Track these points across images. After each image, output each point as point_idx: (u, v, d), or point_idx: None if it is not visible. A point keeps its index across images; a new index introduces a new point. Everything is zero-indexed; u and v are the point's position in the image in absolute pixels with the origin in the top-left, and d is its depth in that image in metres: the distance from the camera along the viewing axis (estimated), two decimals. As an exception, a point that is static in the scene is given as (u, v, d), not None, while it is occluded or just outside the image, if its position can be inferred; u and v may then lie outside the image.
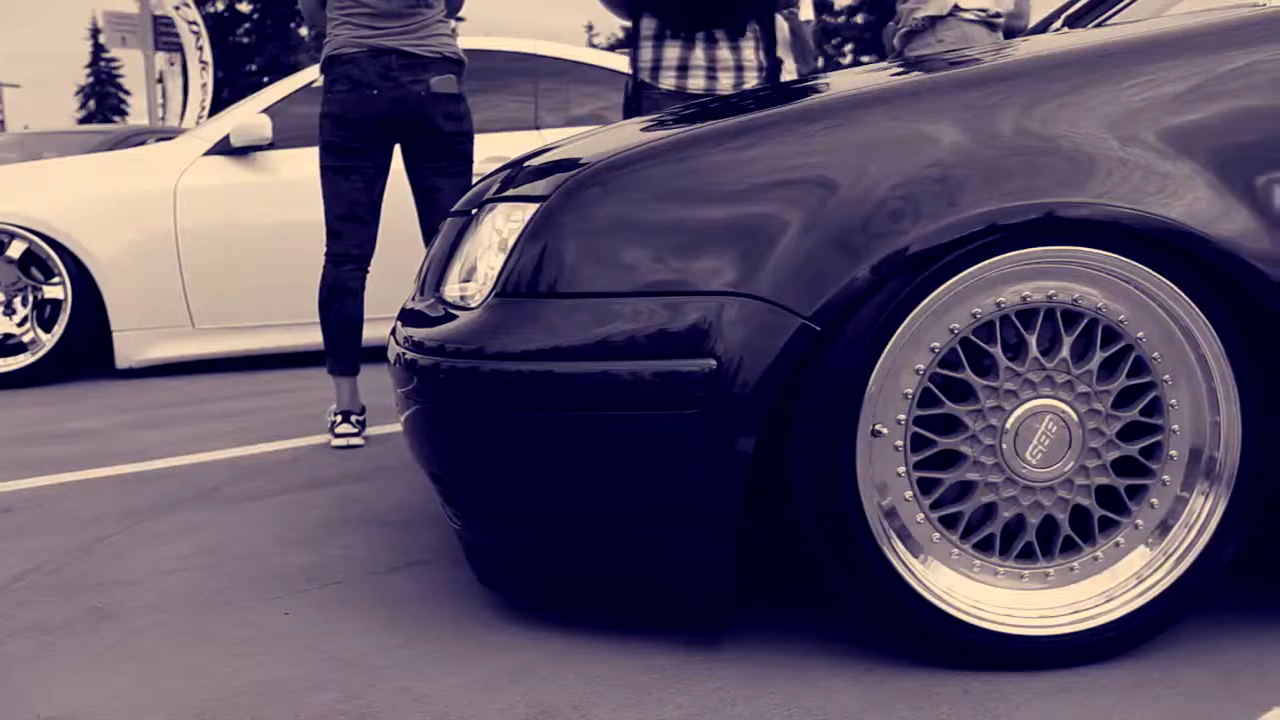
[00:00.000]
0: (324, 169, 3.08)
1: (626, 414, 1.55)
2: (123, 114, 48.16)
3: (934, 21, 3.25)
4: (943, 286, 1.50)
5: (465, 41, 5.43)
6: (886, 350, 1.50)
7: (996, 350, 1.55)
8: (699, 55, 2.91)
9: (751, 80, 2.94)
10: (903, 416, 1.55)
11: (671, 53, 2.95)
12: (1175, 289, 1.53)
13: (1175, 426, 1.59)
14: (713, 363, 1.51)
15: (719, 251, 1.53)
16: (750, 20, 2.92)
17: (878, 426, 1.54)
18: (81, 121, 46.79)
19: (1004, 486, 1.57)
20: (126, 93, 48.94)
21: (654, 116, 2.12)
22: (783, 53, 4.71)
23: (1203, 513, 1.59)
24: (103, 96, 49.14)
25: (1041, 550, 1.60)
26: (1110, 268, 1.53)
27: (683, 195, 1.57)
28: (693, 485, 1.54)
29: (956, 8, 3.21)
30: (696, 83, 2.88)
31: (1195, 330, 1.55)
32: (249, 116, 4.58)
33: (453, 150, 3.12)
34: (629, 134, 1.79)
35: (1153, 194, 1.51)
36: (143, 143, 6.56)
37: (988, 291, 1.53)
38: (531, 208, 1.65)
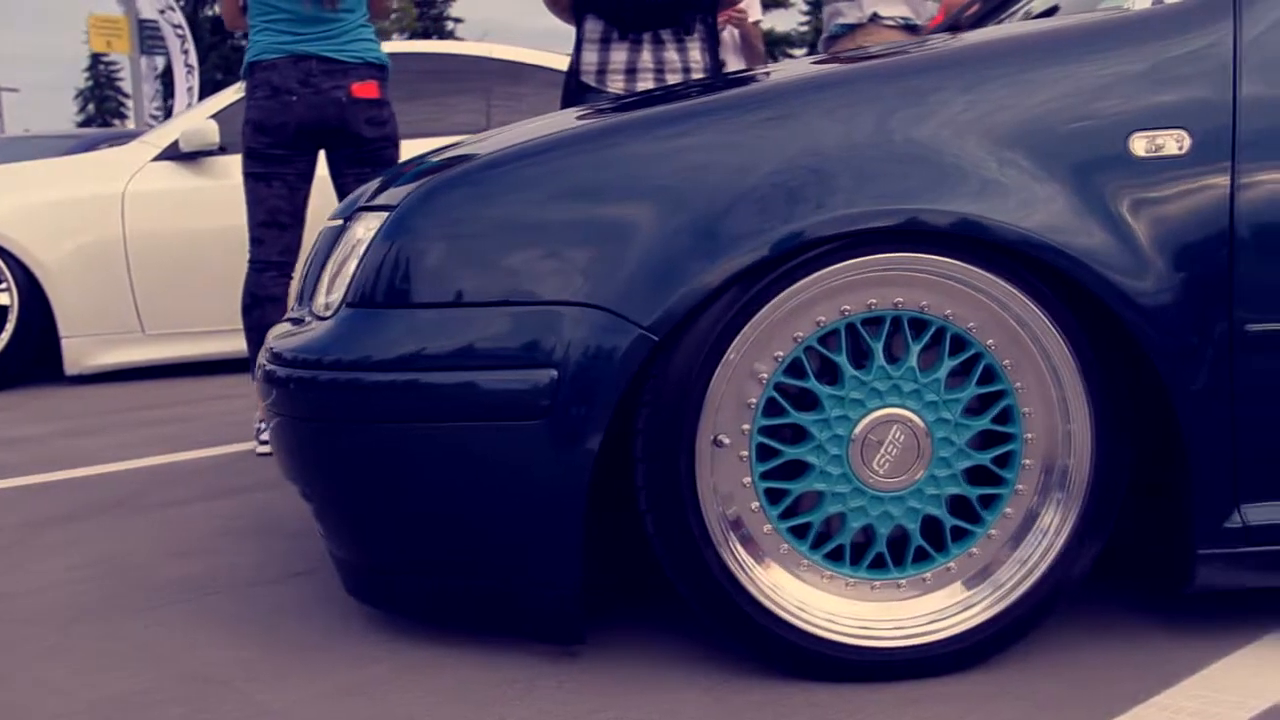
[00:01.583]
0: (246, 176, 3.07)
1: (471, 425, 1.54)
2: (122, 117, 48.21)
3: (853, 28, 3.23)
4: (781, 295, 1.49)
5: (417, 46, 5.44)
6: (724, 359, 1.49)
7: (842, 358, 1.53)
8: (646, 58, 2.89)
9: None
10: (747, 426, 1.53)
11: (618, 55, 2.93)
12: (1024, 299, 1.51)
13: (1029, 434, 1.57)
14: (554, 373, 1.50)
15: (560, 261, 1.52)
16: (696, 20, 2.90)
17: (720, 436, 1.52)
18: (81, 125, 46.84)
19: (852, 497, 1.56)
20: (126, 96, 48.99)
21: (533, 120, 2.10)
22: (731, 55, 4.71)
23: (1056, 521, 1.57)
24: (102, 100, 49.20)
25: (894, 561, 1.59)
26: (959, 276, 1.51)
27: (524, 205, 1.55)
28: (538, 496, 1.53)
29: (876, 15, 3.20)
30: (645, 85, 2.87)
31: (1045, 339, 1.53)
32: (197, 122, 4.57)
33: (376, 156, 3.11)
34: (509, 137, 1.78)
35: (1003, 204, 1.49)
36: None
37: (832, 299, 1.52)
38: (384, 217, 1.64)
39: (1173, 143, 1.53)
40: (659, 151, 1.55)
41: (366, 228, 1.69)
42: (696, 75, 2.89)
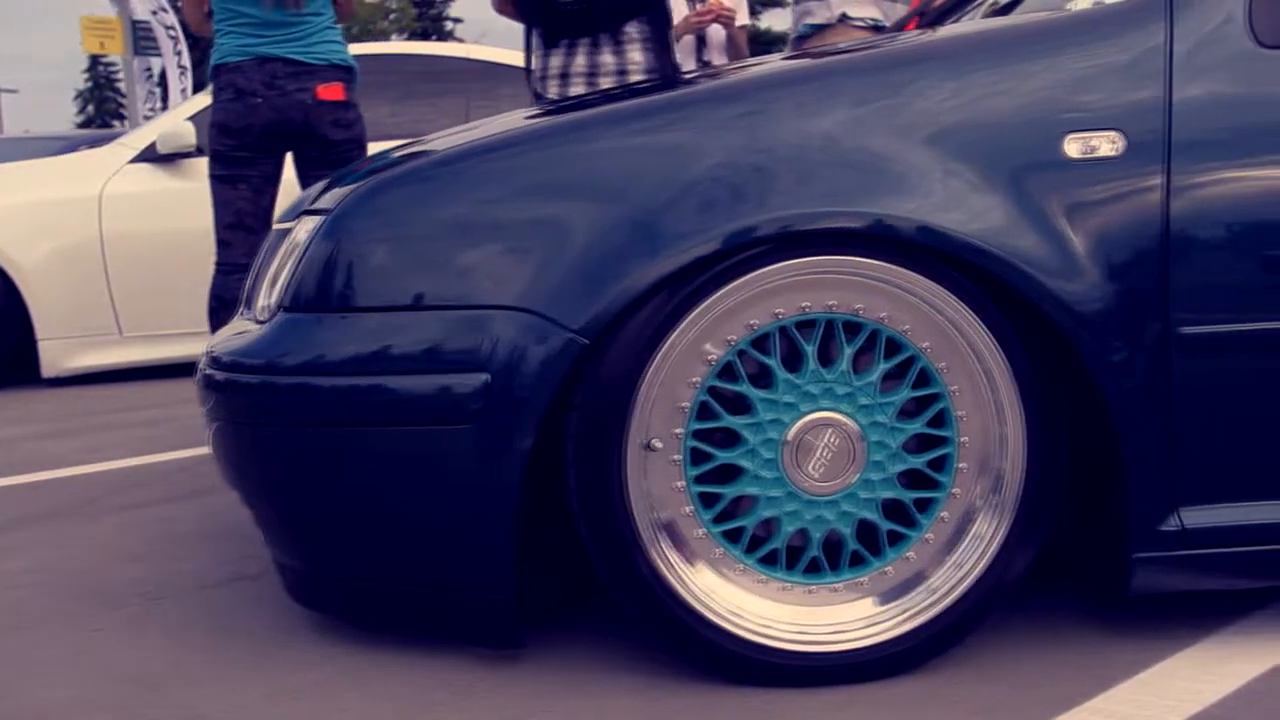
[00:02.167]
0: (211, 178, 3.07)
1: (404, 429, 1.53)
2: (121, 119, 48.17)
3: (822, 29, 3.23)
4: (712, 298, 1.48)
5: (397, 47, 5.44)
6: (655, 363, 1.49)
7: (774, 362, 1.53)
8: (580, 62, 2.89)
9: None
10: (679, 430, 1.53)
11: (555, 61, 2.93)
12: (957, 302, 1.51)
13: (964, 438, 1.56)
14: (486, 377, 1.49)
15: (493, 265, 1.52)
16: (634, 22, 2.89)
17: (652, 440, 1.52)
18: (80, 126, 46.86)
19: (786, 501, 1.55)
20: (125, 97, 49.00)
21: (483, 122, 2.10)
22: (717, 55, 4.70)
23: (992, 525, 1.57)
24: (102, 101, 49.21)
25: (829, 565, 1.58)
26: (892, 279, 1.51)
27: (456, 210, 1.55)
28: (471, 500, 1.52)
29: (845, 16, 3.19)
30: (578, 90, 2.86)
31: (978, 343, 1.52)
32: (175, 123, 4.57)
33: (343, 158, 3.10)
34: (450, 139, 1.77)
35: (935, 206, 1.49)
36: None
37: (764, 302, 1.51)
38: (321, 220, 1.63)
39: (1107, 144, 1.52)
40: (587, 154, 1.55)
41: (306, 231, 1.69)
42: (635, 77, 2.88)
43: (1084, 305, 1.49)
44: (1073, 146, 1.52)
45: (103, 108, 48.76)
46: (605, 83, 2.86)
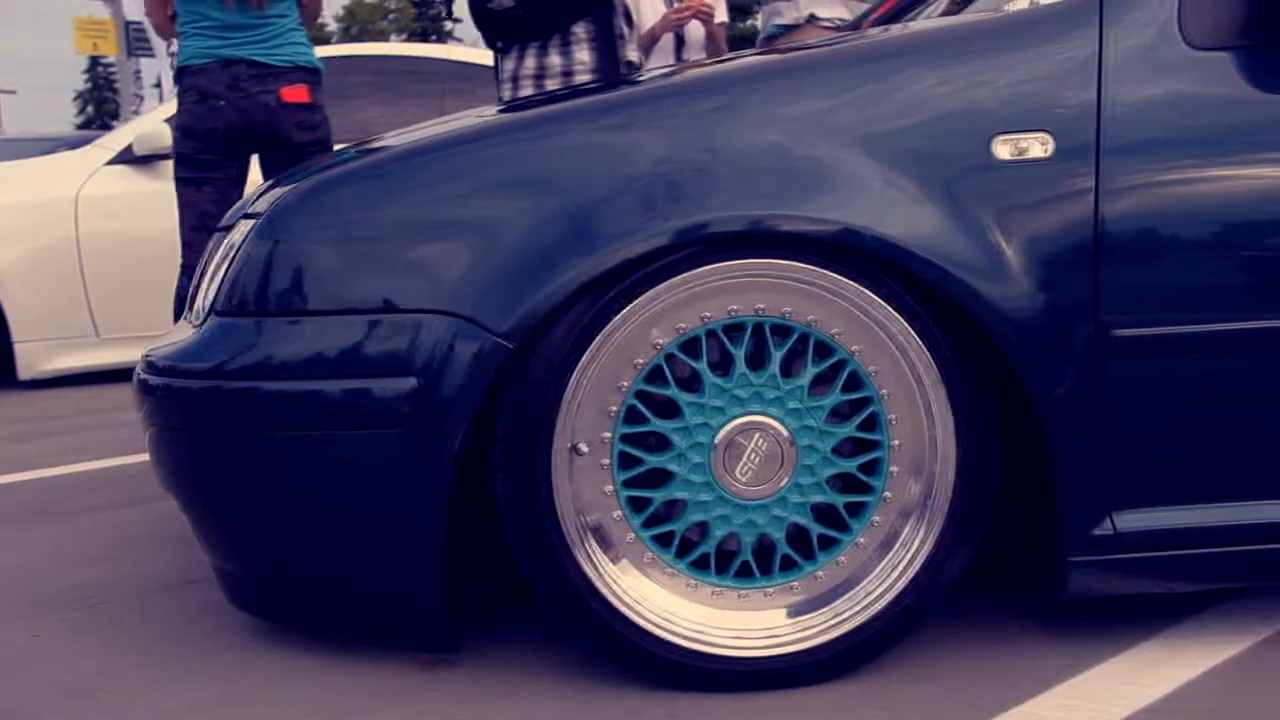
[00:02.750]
0: (176, 180, 3.07)
1: (333, 433, 1.53)
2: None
3: (790, 29, 3.22)
4: (636, 302, 1.47)
5: (375, 48, 5.44)
6: (581, 367, 1.48)
7: (702, 365, 1.52)
8: (529, 65, 2.89)
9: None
10: (608, 434, 1.52)
11: (508, 65, 2.93)
12: (886, 305, 1.50)
13: (896, 442, 1.56)
14: (414, 381, 1.49)
15: (423, 269, 1.51)
16: (581, 23, 2.88)
17: (579, 444, 1.51)
18: (80, 127, 46.88)
19: (715, 505, 1.54)
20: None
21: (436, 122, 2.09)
22: (696, 53, 4.69)
23: (924, 529, 1.56)
24: (101, 102, 49.25)
25: (761, 569, 1.57)
26: (821, 283, 1.50)
27: (386, 213, 1.54)
28: (399, 504, 1.52)
29: (813, 16, 3.19)
30: (527, 91, 2.86)
31: (908, 346, 1.52)
32: (151, 125, 4.56)
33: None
34: (395, 141, 1.76)
35: (863, 208, 1.48)
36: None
37: (692, 306, 1.50)
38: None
39: (1037, 146, 1.51)
40: (513, 157, 1.55)
41: (240, 234, 1.68)
42: (582, 78, 2.88)
43: (1014, 308, 1.49)
44: (1003, 148, 1.51)
45: (102, 109, 48.79)
46: (552, 84, 2.87)
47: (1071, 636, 1.67)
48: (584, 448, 1.51)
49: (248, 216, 1.72)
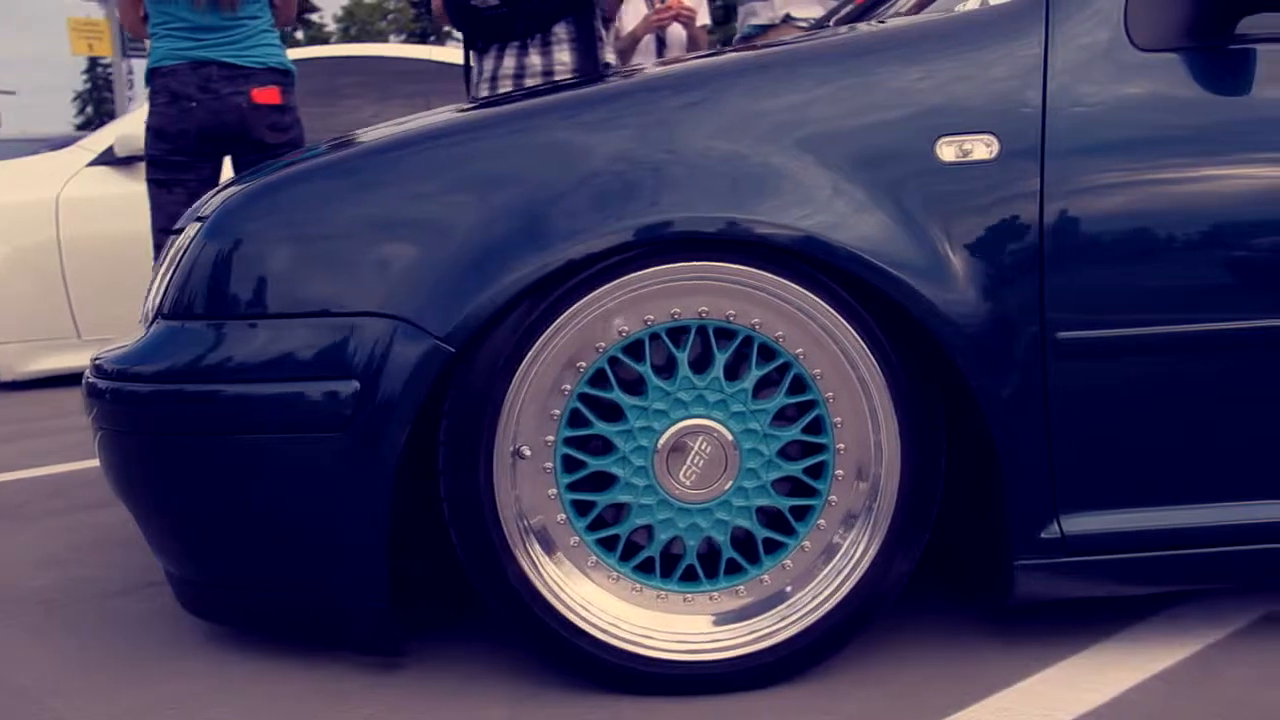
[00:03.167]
0: (148, 182, 3.07)
1: (276, 437, 1.52)
2: (120, 120, 48.12)
3: (766, 29, 3.21)
4: (577, 305, 1.47)
5: (359, 49, 5.43)
6: (521, 370, 1.48)
7: (645, 368, 1.51)
8: (509, 65, 2.88)
9: None
10: (551, 438, 1.52)
11: (487, 65, 2.93)
12: (829, 308, 1.49)
13: (841, 445, 1.55)
14: (356, 384, 1.48)
15: (364, 270, 1.51)
16: (561, 23, 2.88)
17: (522, 448, 1.51)
18: (79, 128, 46.84)
19: (659, 509, 1.54)
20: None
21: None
22: (678, 54, 4.68)
23: (870, 532, 1.55)
24: (100, 102, 49.24)
25: (706, 573, 1.57)
26: (764, 285, 1.49)
27: (331, 214, 1.54)
28: (343, 508, 1.51)
29: (789, 16, 3.18)
30: (506, 90, 2.85)
31: (852, 349, 1.51)
32: (132, 127, 4.54)
33: (280, 162, 3.09)
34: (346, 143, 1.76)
35: (804, 210, 1.48)
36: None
37: (635, 308, 1.50)
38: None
39: (982, 148, 1.51)
40: (459, 158, 1.54)
41: (187, 237, 1.68)
42: (561, 77, 2.87)
43: (958, 311, 1.48)
44: (947, 150, 1.50)
45: (101, 109, 48.78)
46: (532, 84, 2.86)
47: (1020, 640, 1.67)
48: (527, 451, 1.51)
49: (199, 219, 1.71)
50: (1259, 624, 1.70)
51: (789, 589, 1.57)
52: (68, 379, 4.50)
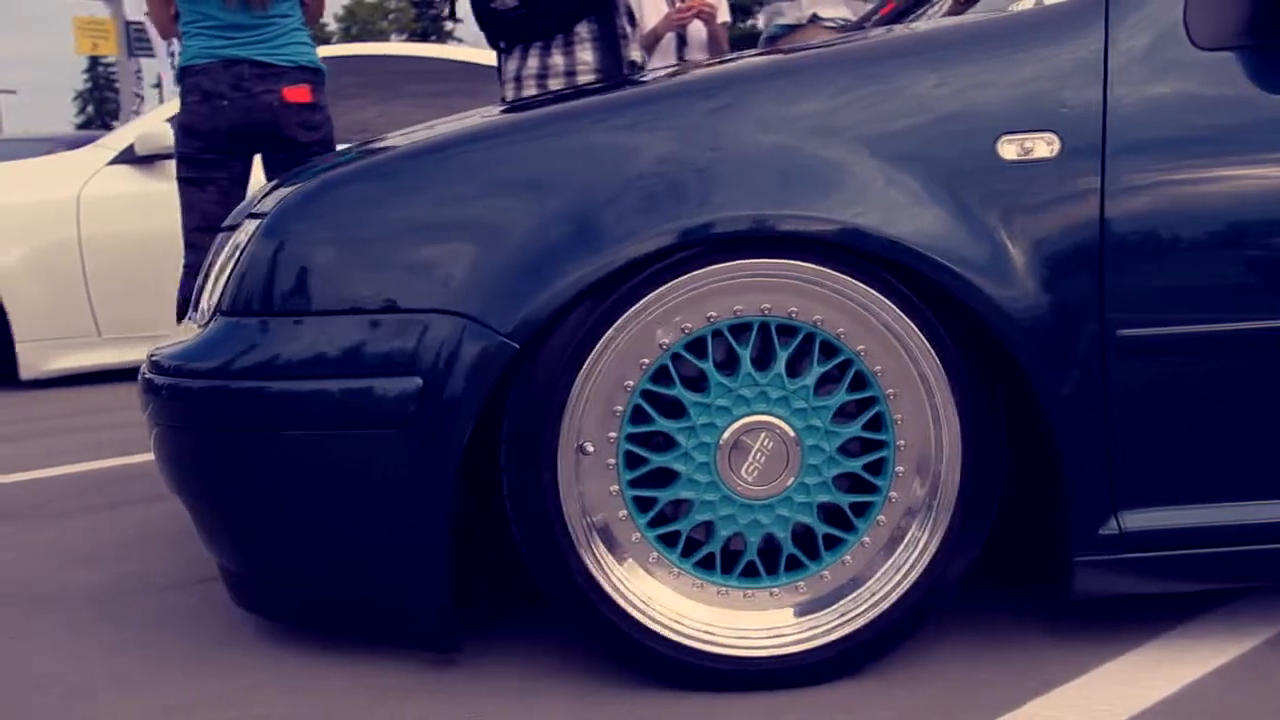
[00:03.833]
0: (179, 181, 3.08)
1: (338, 433, 1.53)
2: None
3: (792, 29, 3.22)
4: (642, 302, 1.47)
5: (373, 48, 5.44)
6: (586, 367, 1.48)
7: (708, 364, 1.52)
8: (532, 65, 2.89)
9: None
10: (614, 434, 1.52)
11: (511, 65, 2.93)
12: (892, 305, 1.50)
13: (901, 442, 1.56)
14: (419, 381, 1.49)
15: (427, 269, 1.51)
16: (584, 23, 2.88)
17: (585, 444, 1.51)
18: (80, 127, 46.85)
19: (721, 505, 1.54)
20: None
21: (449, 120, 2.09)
22: (698, 53, 4.69)
23: (930, 528, 1.56)
24: (101, 102, 49.23)
25: (767, 569, 1.57)
26: (826, 283, 1.50)
27: (392, 212, 1.54)
28: (404, 504, 1.52)
29: (815, 16, 3.19)
30: (530, 92, 2.86)
31: (914, 346, 1.51)
32: (153, 125, 4.56)
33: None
34: (403, 140, 1.76)
35: (868, 208, 1.48)
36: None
37: (697, 305, 1.50)
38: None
39: (1043, 146, 1.51)
40: (522, 156, 1.55)
41: (245, 234, 1.68)
42: (585, 77, 2.88)
43: (1019, 307, 1.49)
44: (1008, 148, 1.51)
45: (102, 108, 48.78)
46: (555, 84, 2.86)
47: (1077, 636, 1.67)
48: (590, 447, 1.51)
49: (253, 216, 1.72)
50: (1313, 621, 1.71)
51: (849, 585, 1.57)
52: (88, 377, 4.52)
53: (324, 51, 5.46)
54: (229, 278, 1.62)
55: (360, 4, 47.80)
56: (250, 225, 1.67)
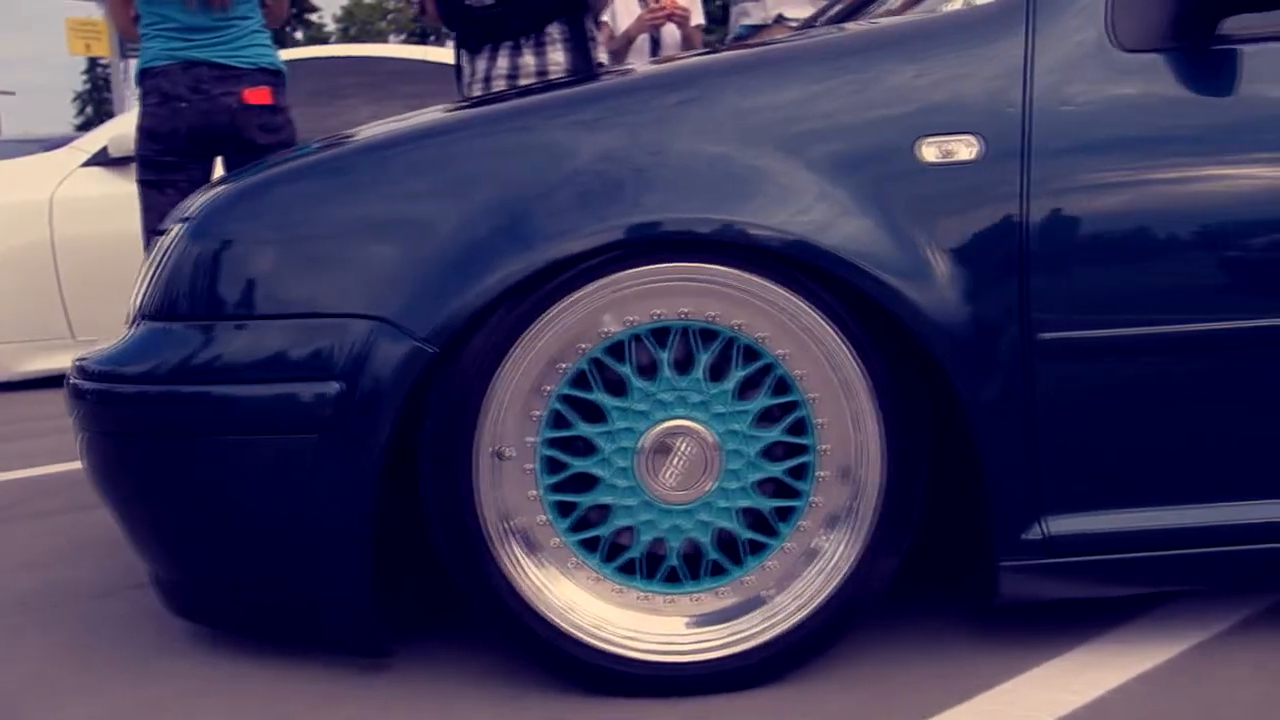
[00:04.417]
0: (139, 183, 3.07)
1: (258, 438, 1.52)
2: (120, 120, 48.10)
3: (758, 29, 3.21)
4: (559, 306, 1.47)
5: (352, 49, 5.43)
6: (502, 371, 1.47)
7: (626, 369, 1.51)
8: (502, 65, 2.87)
9: None
10: (533, 439, 1.51)
11: (479, 65, 2.92)
12: (811, 310, 1.49)
13: (824, 446, 1.55)
14: (338, 385, 1.48)
15: (347, 272, 1.51)
16: (555, 23, 2.87)
17: (504, 449, 1.50)
18: (79, 128, 46.81)
19: (641, 509, 1.54)
20: (123, 98, 48.93)
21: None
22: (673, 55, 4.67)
23: (852, 533, 1.55)
24: (100, 103, 49.22)
25: (691, 574, 1.56)
26: (746, 287, 1.49)
27: (314, 216, 1.54)
28: (326, 508, 1.51)
29: (781, 16, 3.17)
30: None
31: (834, 351, 1.50)
32: (126, 128, 4.52)
33: (271, 162, 3.09)
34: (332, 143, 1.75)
35: (786, 211, 1.47)
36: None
37: (615, 310, 1.49)
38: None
39: (964, 148, 1.50)
40: (442, 158, 1.54)
41: (170, 238, 1.68)
42: (556, 78, 2.86)
43: (941, 312, 1.48)
44: (929, 151, 1.50)
45: (101, 109, 48.76)
46: (525, 85, 2.85)
47: (1005, 642, 1.66)
48: (509, 452, 1.51)
49: (183, 220, 1.71)
50: (1244, 625, 1.70)
51: (772, 590, 1.56)
52: (61, 380, 4.49)
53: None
54: (152, 282, 1.61)
55: (359, 4, 47.80)
56: (175, 229, 1.67)
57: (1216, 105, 1.54)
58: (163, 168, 3.02)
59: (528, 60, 2.88)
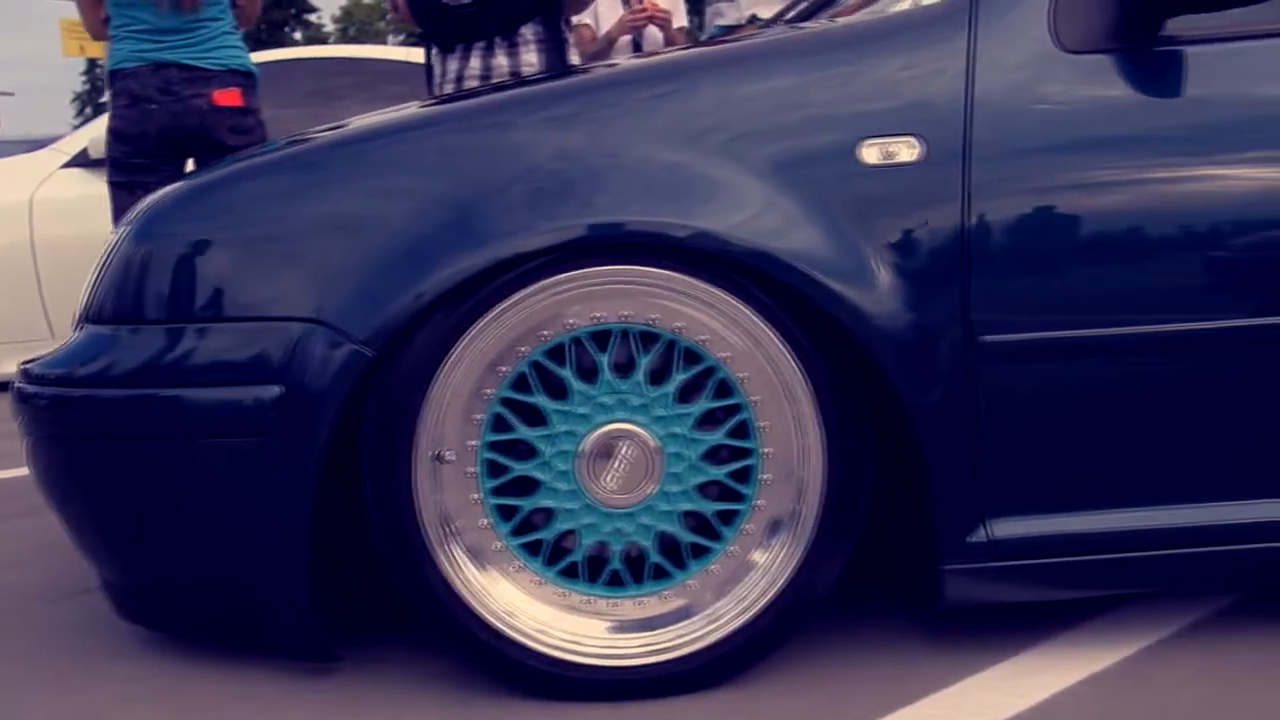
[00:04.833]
0: (110, 184, 3.07)
1: (201, 440, 1.52)
2: (118, 120, 48.04)
3: (732, 29, 3.20)
4: (498, 309, 1.46)
5: (336, 50, 5.42)
6: (443, 375, 1.47)
7: (566, 372, 1.51)
8: (475, 65, 2.87)
9: None
10: (474, 442, 1.51)
11: (451, 65, 2.91)
12: (752, 314, 1.48)
13: (767, 450, 1.54)
14: (279, 389, 1.48)
15: (288, 275, 1.50)
16: (529, 24, 2.87)
17: (444, 452, 1.50)
18: (79, 128, 46.69)
19: (583, 513, 1.53)
20: (122, 99, 48.85)
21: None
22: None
23: (796, 536, 1.54)
24: (99, 104, 49.18)
25: (633, 578, 1.56)
26: (687, 290, 1.48)
27: (252, 218, 1.54)
28: (267, 511, 1.51)
29: (754, 17, 3.17)
30: None
31: (777, 355, 1.50)
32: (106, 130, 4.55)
33: (242, 164, 3.08)
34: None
35: (726, 214, 1.47)
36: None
37: (555, 312, 1.49)
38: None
39: (906, 150, 1.50)
40: (384, 161, 1.54)
41: (113, 241, 1.67)
42: None
43: (882, 315, 1.47)
44: (870, 152, 1.49)
45: (100, 110, 48.65)
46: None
47: (953, 645, 1.66)
48: (449, 455, 1.50)
49: (126, 224, 1.71)
50: (1192, 629, 1.69)
51: (715, 594, 1.56)
52: (42, 381, 4.49)
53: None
54: (96, 284, 1.61)
55: (357, 4, 47.80)
56: (119, 231, 1.67)
57: (1160, 107, 1.54)
58: (133, 169, 3.02)
59: (501, 61, 2.88)
